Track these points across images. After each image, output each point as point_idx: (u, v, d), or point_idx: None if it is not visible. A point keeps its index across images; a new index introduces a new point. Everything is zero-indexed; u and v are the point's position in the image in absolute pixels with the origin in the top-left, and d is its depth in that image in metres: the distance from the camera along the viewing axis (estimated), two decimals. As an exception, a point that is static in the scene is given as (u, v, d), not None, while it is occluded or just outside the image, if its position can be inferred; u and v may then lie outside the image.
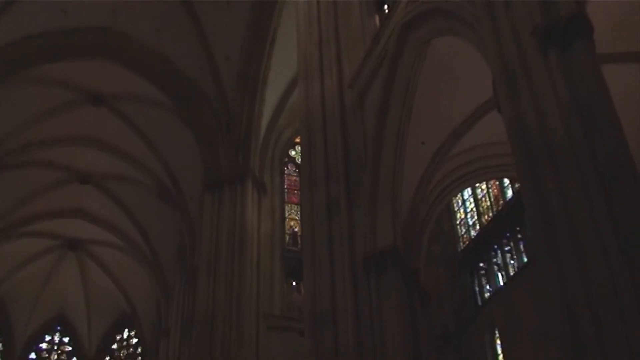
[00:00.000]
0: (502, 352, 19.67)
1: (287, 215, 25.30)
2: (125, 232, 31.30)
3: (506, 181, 21.35)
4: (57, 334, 37.83)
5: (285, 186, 26.11)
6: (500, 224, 21.29)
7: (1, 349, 35.92)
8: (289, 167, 26.71)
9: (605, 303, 9.31)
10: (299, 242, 23.61)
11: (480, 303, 21.28)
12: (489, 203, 22.58)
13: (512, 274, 20.39)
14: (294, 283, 23.27)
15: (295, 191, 25.51)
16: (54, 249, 34.03)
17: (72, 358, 37.47)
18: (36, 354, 37.19)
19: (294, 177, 26.24)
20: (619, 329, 9.07)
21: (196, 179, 24.96)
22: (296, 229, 24.64)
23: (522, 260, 20.10)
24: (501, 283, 20.83)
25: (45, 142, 26.92)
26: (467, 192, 23.21)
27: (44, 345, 37.50)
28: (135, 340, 36.91)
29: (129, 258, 32.22)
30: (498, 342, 19.95)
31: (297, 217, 24.76)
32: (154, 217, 29.79)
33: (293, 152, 26.85)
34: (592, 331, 9.31)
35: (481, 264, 21.79)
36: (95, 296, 35.76)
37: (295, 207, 25.21)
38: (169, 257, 30.07)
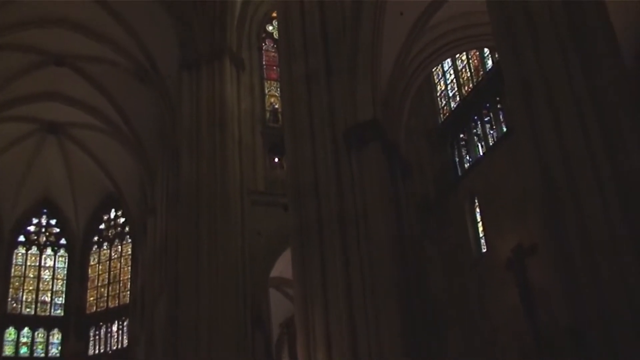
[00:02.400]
0: (481, 219, 20.15)
1: (266, 91, 25.17)
2: (104, 114, 31.06)
3: (486, 51, 21.20)
4: (44, 217, 38.21)
5: (264, 62, 25.82)
6: (480, 95, 21.32)
7: (-11, 233, 36.44)
8: (266, 42, 26.33)
9: (582, 167, 9.52)
10: (280, 118, 23.62)
11: (460, 173, 21.61)
12: (469, 74, 22.50)
13: (491, 144, 20.61)
14: (276, 159, 23.46)
15: (274, 67, 25.26)
16: (34, 133, 33.79)
17: (61, 239, 38.03)
18: (25, 237, 37.70)
19: (273, 54, 25.91)
20: (594, 193, 9.32)
21: (173, 58, 24.57)
22: (276, 106, 24.58)
23: (502, 130, 20.27)
24: (481, 153, 21.08)
25: (19, 24, 26.27)
26: (447, 63, 23.07)
27: (32, 228, 37.96)
28: (122, 220, 37.40)
29: (110, 139, 32.13)
30: (477, 210, 20.41)
31: (277, 94, 24.64)
32: (133, 98, 29.50)
33: (270, 28, 26.39)
34: (569, 195, 9.56)
35: (461, 135, 21.97)
36: (80, 178, 35.88)
37: (275, 83, 25.05)
38: (150, 136, 30.04)
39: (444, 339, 18.30)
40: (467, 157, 21.66)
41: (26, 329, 35.17)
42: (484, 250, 19.78)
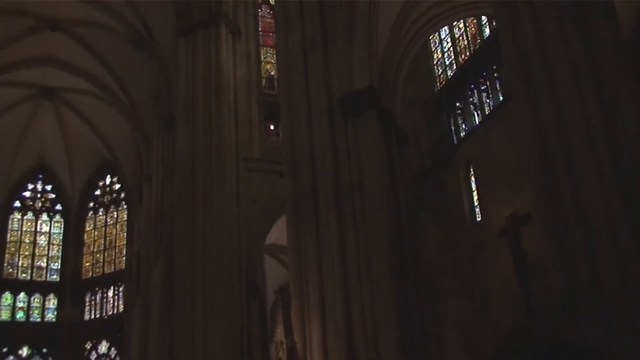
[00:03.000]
0: (477, 188, 20.17)
1: (262, 58, 24.99)
2: (100, 80, 30.91)
3: (484, 19, 21.04)
4: (40, 183, 38.21)
5: (260, 29, 25.61)
6: (477, 63, 21.21)
7: (-15, 199, 36.47)
8: (263, 8, 26.09)
9: (577, 137, 9.51)
10: (276, 85, 23.51)
11: (456, 142, 21.58)
12: (466, 42, 22.35)
13: (487, 113, 20.56)
14: (272, 126, 23.40)
15: (271, 34, 25.07)
16: (29, 99, 33.63)
17: (56, 205, 38.07)
18: (20, 203, 37.74)
19: (269, 20, 25.70)
20: (590, 162, 9.33)
21: (169, 25, 24.38)
22: (272, 73, 24.44)
23: (498, 99, 20.20)
24: (477, 122, 21.03)
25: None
26: (445, 31, 22.88)
27: (27, 194, 37.97)
28: (117, 186, 37.42)
29: (105, 105, 32.00)
30: (473, 179, 20.42)
31: (273, 61, 24.48)
32: (128, 64, 29.32)
33: (267, -6, 26.17)
34: (564, 164, 9.57)
35: (457, 104, 21.90)
36: (75, 144, 35.79)
37: (271, 50, 24.85)
38: (145, 103, 29.91)
39: (437, 307, 18.44)
40: (463, 126, 21.61)
41: (22, 294, 35.36)
42: (479, 219, 19.84)
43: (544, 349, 8.67)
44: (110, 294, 35.27)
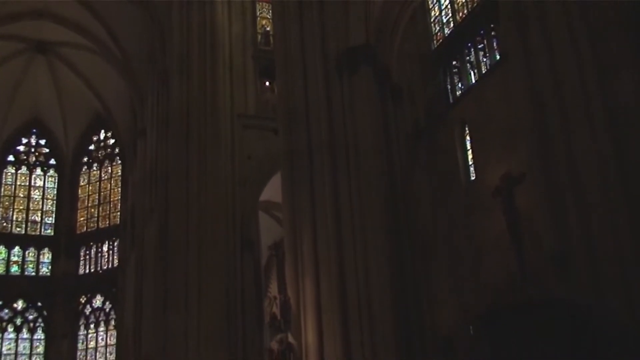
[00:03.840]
0: (471, 147, 20.15)
1: (258, 14, 24.70)
2: (94, 34, 30.57)
3: (482, -23, 20.80)
4: (34, 137, 38.07)
5: (256, -17, 25.31)
6: (474, 22, 21.00)
7: (-22, 152, 36.41)
8: (259, -37, 25.74)
9: (573, 97, 9.51)
10: (271, 41, 23.30)
11: (451, 100, 21.49)
12: (464, 0, 22.13)
13: (484, 71, 20.43)
14: (267, 82, 23.24)
15: (267, -12, 24.77)
16: (23, 52, 33.31)
17: (50, 159, 37.98)
18: (14, 157, 37.63)
19: (265, -26, 25.37)
20: (584, 122, 9.33)
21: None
22: (268, 28, 24.20)
23: (495, 57, 20.06)
24: (473, 81, 20.92)
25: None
26: (442, -12, 22.66)
27: (21, 148, 37.85)
28: (112, 141, 37.32)
29: (99, 60, 31.71)
30: (468, 138, 20.39)
31: (268, 16, 24.22)
32: (123, 19, 28.97)
33: (263, -52, 25.77)
34: (559, 124, 9.58)
35: (454, 62, 21.74)
36: (69, 99, 35.58)
37: (267, 5, 24.56)
38: (140, 58, 29.64)
39: (430, 265, 18.57)
40: (459, 85, 21.50)
41: (17, 248, 35.48)
42: (473, 178, 19.86)
43: (535, 306, 8.77)
44: (105, 248, 35.41)
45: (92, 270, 35.23)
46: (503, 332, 8.85)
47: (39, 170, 37.75)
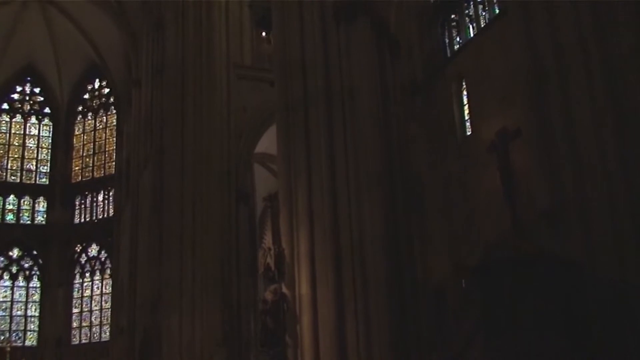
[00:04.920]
0: (468, 102, 20.08)
1: (255, -38, 24.38)
2: (88, -19, 30.21)
3: None
4: (28, 85, 37.82)
5: None
6: (474, -26, 20.76)
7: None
8: None
9: (571, 53, 9.44)
10: (268, -10, 23.01)
11: (449, 54, 21.34)
12: (464, -48, 21.82)
13: (482, 26, 20.25)
14: (263, 33, 23.02)
15: (264, -64, 24.35)
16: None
17: (45, 108, 37.78)
18: (8, 105, 37.42)
19: None
20: (582, 80, 9.29)
21: None
22: (265, -23, 23.88)
23: (494, 11, 19.88)
24: (472, 35, 20.74)
25: None
26: (443, -61, 22.31)
27: (15, 96, 37.62)
28: (106, 91, 37.07)
29: (94, 8, 31.27)
30: (464, 92, 20.30)
31: (266, -35, 23.88)
32: (116, -37, 28.61)
33: None
34: (556, 80, 9.53)
35: (452, 16, 21.54)
36: (63, 46, 35.19)
37: (264, -47, 24.22)
38: (134, 5, 29.23)
39: (424, 218, 18.65)
40: (458, 39, 21.33)
41: (12, 197, 35.51)
42: (469, 133, 19.84)
43: (526, 261, 8.83)
44: (100, 198, 35.46)
45: (88, 219, 35.33)
46: (494, 286, 8.93)
47: (33, 119, 37.57)
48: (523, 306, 8.58)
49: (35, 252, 34.63)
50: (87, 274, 34.44)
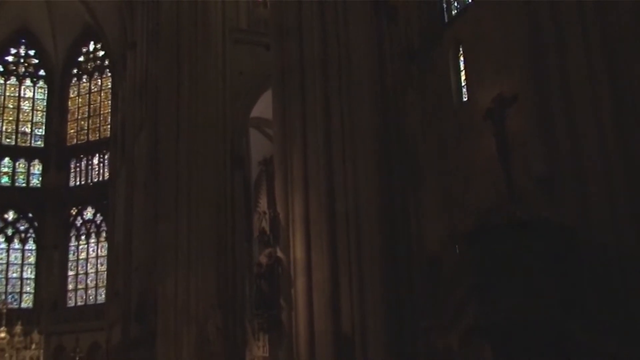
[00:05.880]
0: (465, 68, 20.00)
1: None
2: (83, -60, 29.84)
3: None
4: (23, 47, 37.56)
5: None
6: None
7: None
8: None
9: (569, 19, 9.38)
10: (265, -47, 22.77)
11: (446, 20, 21.21)
12: None
13: (481, -10, 20.10)
14: (259, -3, 22.84)
15: None
16: (9, -41, 32.60)
17: (40, 70, 37.58)
18: (3, 67, 37.20)
19: None
20: (580, 46, 9.25)
21: None
22: (262, -62, 23.59)
23: (493, -24, 19.72)
24: (469, 0, 20.60)
25: None
26: None
27: (10, 59, 37.39)
28: (101, 53, 36.85)
29: (88, -32, 31.05)
30: (462, 59, 20.21)
31: None
32: None
33: None
34: (554, 47, 9.48)
35: (451, -20, 21.37)
36: (58, 8, 34.88)
37: None
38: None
39: (419, 183, 18.68)
40: (455, 4, 21.18)
41: (7, 159, 35.48)
42: (465, 100, 19.79)
43: (520, 226, 8.88)
44: (95, 161, 35.45)
45: (83, 182, 35.35)
46: (488, 251, 8.98)
47: (28, 81, 37.41)
48: (516, 270, 8.64)
49: (30, 215, 34.71)
50: (83, 237, 34.57)
